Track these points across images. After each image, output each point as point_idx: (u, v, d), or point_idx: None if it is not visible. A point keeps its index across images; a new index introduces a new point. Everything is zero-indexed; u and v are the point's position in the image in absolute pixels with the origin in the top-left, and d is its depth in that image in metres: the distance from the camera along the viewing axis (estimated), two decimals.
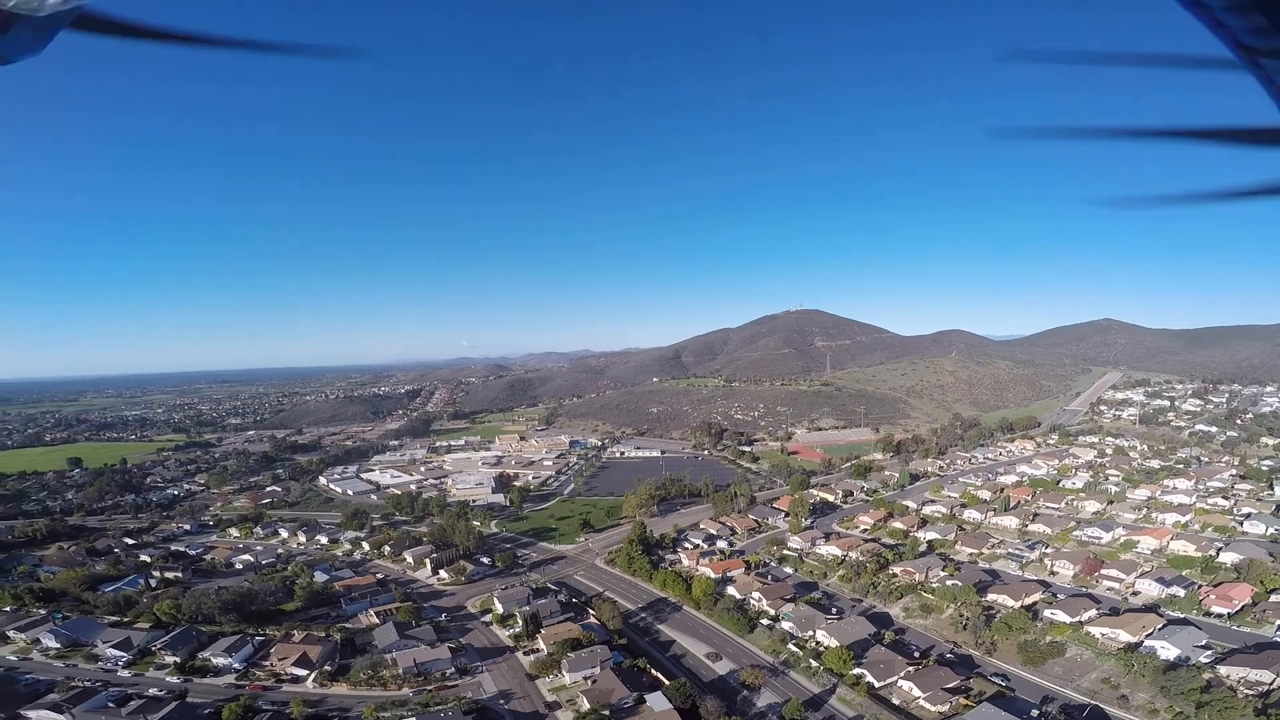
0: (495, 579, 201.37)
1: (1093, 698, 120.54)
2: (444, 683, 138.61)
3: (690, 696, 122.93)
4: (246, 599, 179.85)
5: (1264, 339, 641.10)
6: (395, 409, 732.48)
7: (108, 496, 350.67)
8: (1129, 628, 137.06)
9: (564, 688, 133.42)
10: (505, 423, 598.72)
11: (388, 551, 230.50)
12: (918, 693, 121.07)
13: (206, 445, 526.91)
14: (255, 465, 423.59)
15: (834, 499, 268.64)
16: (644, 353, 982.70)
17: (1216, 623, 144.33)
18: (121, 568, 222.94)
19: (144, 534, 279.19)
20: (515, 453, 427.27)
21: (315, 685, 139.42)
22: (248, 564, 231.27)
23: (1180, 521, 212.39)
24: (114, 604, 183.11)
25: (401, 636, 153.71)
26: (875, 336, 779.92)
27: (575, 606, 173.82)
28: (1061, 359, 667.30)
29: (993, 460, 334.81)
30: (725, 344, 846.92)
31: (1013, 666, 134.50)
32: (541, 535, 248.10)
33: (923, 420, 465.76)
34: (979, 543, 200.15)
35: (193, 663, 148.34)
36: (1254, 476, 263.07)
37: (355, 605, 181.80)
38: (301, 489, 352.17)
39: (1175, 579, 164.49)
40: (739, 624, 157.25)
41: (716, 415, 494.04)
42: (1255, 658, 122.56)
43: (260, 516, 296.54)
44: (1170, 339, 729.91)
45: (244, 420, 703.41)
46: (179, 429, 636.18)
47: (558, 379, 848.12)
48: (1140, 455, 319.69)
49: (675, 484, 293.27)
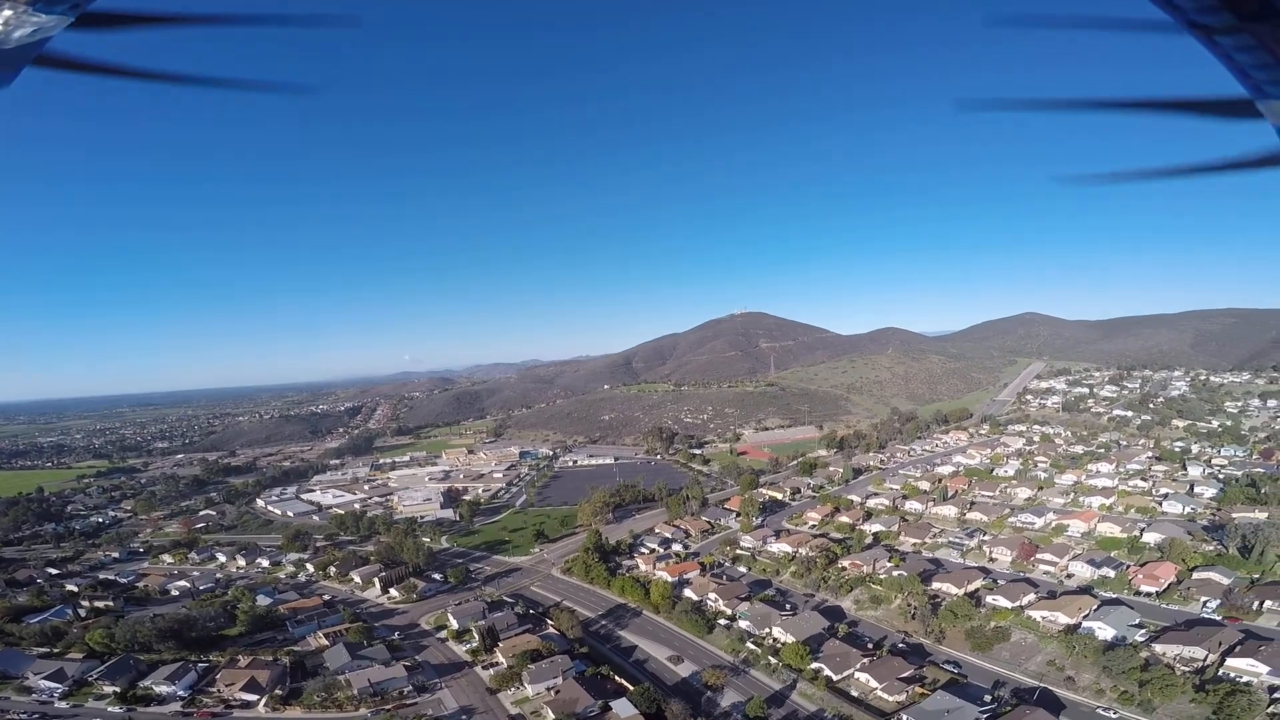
0: (448, 594, 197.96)
1: (1040, 680, 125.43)
2: (402, 701, 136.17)
3: (655, 701, 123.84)
4: (185, 625, 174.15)
5: (1170, 327, 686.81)
6: (335, 427, 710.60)
7: (24, 526, 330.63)
8: (1067, 610, 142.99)
9: (527, 699, 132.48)
10: (452, 436, 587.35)
11: (333, 572, 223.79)
12: (874, 683, 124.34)
13: (131, 470, 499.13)
14: (186, 489, 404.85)
15: (782, 497, 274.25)
16: (595, 360, 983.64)
17: (1146, 601, 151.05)
18: (46, 598, 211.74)
19: (69, 563, 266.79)
20: (464, 466, 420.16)
21: (267, 710, 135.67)
22: (184, 590, 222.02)
23: (1105, 504, 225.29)
24: (41, 635, 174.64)
25: (354, 657, 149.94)
26: (817, 336, 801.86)
27: (533, 618, 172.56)
28: (990, 352, 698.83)
29: (930, 452, 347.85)
30: (674, 349, 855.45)
31: (962, 653, 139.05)
32: (494, 548, 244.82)
33: (863, 416, 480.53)
34: (921, 533, 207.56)
35: (134, 691, 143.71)
36: (1168, 458, 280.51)
37: (303, 628, 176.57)
38: (238, 512, 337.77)
39: (1105, 560, 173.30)
40: (698, 625, 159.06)
41: (667, 420, 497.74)
42: (1187, 634, 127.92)
43: (195, 541, 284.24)
44: (1088, 329, 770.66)
45: (172, 444, 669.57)
46: (100, 454, 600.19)
47: (506, 390, 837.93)
48: (1065, 441, 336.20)
49: (629, 490, 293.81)
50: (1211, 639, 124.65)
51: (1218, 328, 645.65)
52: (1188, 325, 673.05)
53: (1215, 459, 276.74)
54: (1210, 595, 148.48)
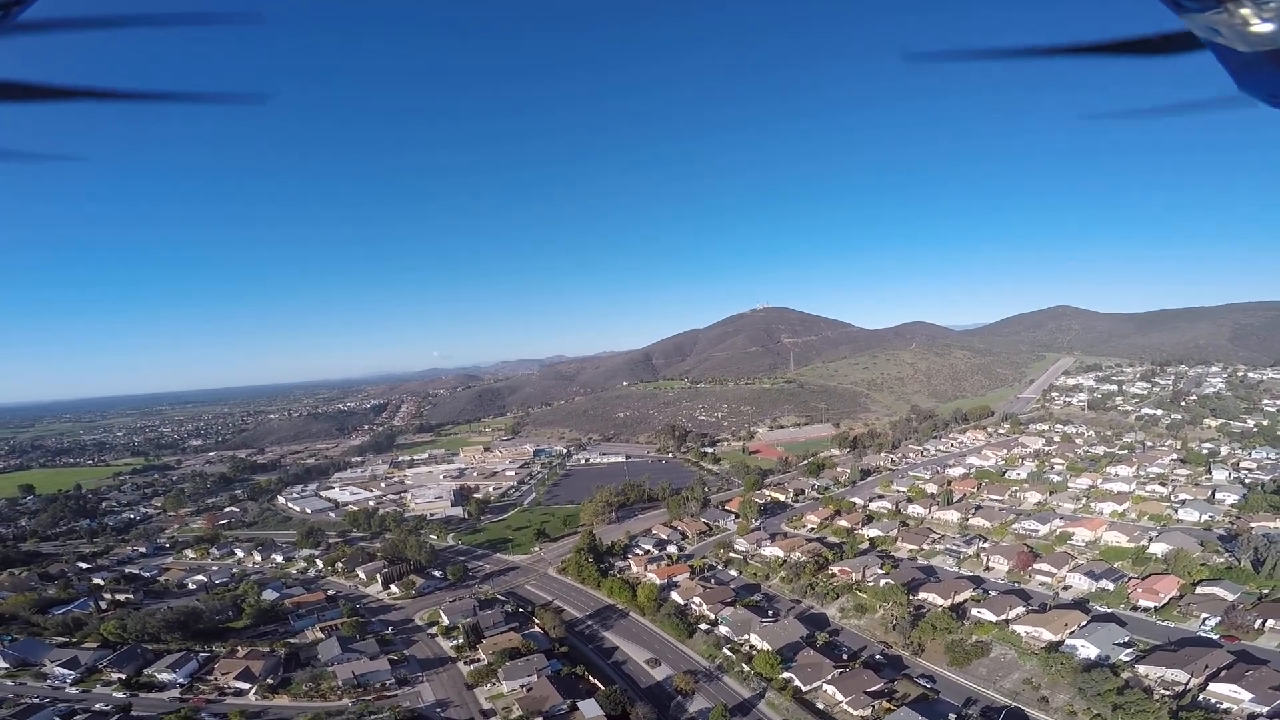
0: (446, 591, 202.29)
1: (1014, 699, 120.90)
2: (383, 693, 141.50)
3: (621, 703, 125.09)
4: (192, 617, 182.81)
5: (1209, 320, 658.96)
6: (361, 424, 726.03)
7: (62, 522, 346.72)
8: (1051, 626, 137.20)
9: (501, 695, 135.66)
10: (472, 434, 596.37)
11: (340, 568, 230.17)
12: (840, 697, 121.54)
13: (165, 468, 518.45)
14: (213, 487, 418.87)
15: (785, 498, 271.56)
16: (616, 356, 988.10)
17: (1143, 617, 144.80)
18: (72, 591, 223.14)
19: (99, 558, 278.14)
20: (478, 464, 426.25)
21: (257, 698, 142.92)
22: (201, 584, 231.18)
23: (1117, 510, 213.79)
24: (63, 625, 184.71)
25: (345, 650, 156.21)
26: (841, 331, 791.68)
27: (521, 616, 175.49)
28: (1018, 347, 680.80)
29: (944, 452, 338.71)
30: (694, 345, 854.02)
31: (939, 667, 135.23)
32: (497, 546, 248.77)
33: (882, 413, 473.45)
34: (920, 539, 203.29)
35: (138, 679, 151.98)
36: (1193, 461, 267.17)
37: (303, 621, 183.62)
38: (259, 509, 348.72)
39: (1105, 572, 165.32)
40: (679, 629, 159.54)
41: (681, 418, 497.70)
42: (1173, 656, 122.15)
43: (216, 537, 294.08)
44: (1122, 323, 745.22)
45: (205, 441, 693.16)
46: (138, 452, 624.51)
47: (527, 387, 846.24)
48: (1086, 442, 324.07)
49: (634, 489, 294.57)
50: (1198, 661, 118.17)
51: (1258, 321, 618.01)
52: (1226, 319, 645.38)
53: (1245, 462, 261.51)
54: (1211, 612, 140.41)
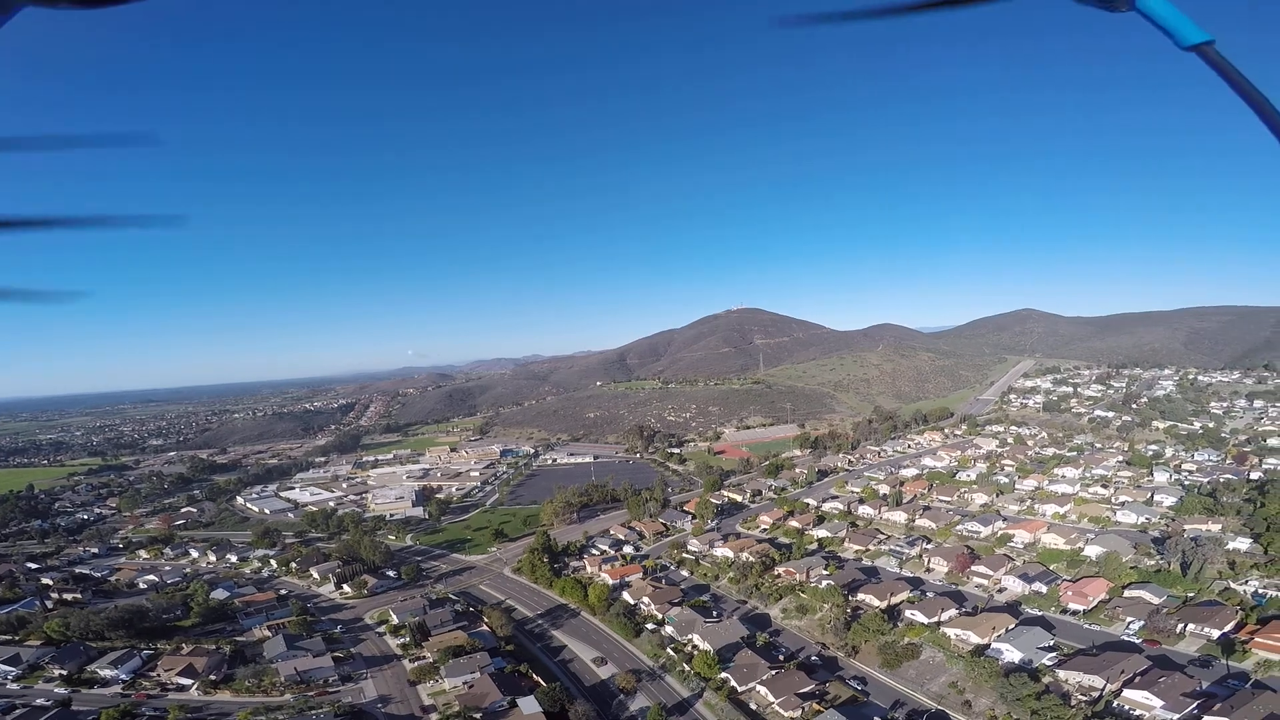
0: (399, 591, 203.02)
1: (939, 702, 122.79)
2: (325, 689, 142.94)
3: (560, 700, 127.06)
4: (138, 616, 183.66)
5: (1164, 324, 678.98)
6: (327, 424, 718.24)
7: (12, 523, 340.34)
8: (979, 629, 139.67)
9: (443, 692, 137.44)
10: (440, 434, 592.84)
11: (294, 568, 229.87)
12: (772, 698, 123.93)
13: (122, 468, 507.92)
14: (170, 487, 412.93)
15: (742, 499, 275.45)
16: (591, 356, 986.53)
17: (1071, 620, 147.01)
18: (19, 591, 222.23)
19: (49, 558, 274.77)
20: (443, 464, 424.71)
21: (199, 693, 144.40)
22: (152, 584, 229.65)
23: (1059, 512, 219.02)
24: (7, 624, 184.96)
25: (290, 647, 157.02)
26: (812, 332, 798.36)
27: (470, 615, 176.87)
28: (982, 349, 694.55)
29: (901, 453, 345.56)
30: (669, 345, 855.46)
31: (872, 669, 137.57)
32: (455, 547, 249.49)
33: (847, 414, 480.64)
34: (867, 540, 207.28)
35: (80, 675, 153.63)
36: (1137, 462, 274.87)
37: (251, 620, 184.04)
38: (217, 509, 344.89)
39: (1040, 574, 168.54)
40: (627, 629, 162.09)
41: (651, 418, 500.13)
42: (1093, 661, 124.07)
43: (171, 538, 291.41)
44: (1082, 326, 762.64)
45: (166, 441, 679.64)
46: (95, 452, 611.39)
47: (498, 387, 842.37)
48: (1038, 444, 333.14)
49: (598, 490, 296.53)
50: (1116, 666, 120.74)
51: (1212, 325, 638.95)
52: (1182, 323, 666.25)
53: (1187, 464, 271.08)
54: (1137, 615, 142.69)
